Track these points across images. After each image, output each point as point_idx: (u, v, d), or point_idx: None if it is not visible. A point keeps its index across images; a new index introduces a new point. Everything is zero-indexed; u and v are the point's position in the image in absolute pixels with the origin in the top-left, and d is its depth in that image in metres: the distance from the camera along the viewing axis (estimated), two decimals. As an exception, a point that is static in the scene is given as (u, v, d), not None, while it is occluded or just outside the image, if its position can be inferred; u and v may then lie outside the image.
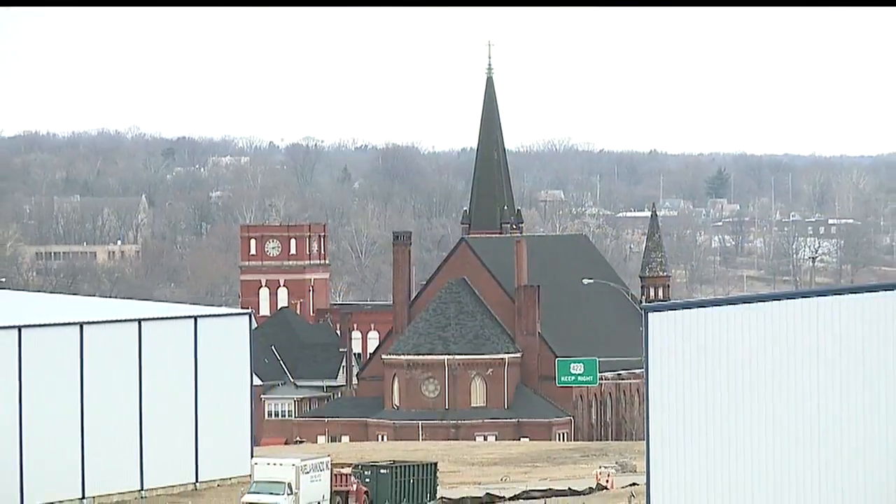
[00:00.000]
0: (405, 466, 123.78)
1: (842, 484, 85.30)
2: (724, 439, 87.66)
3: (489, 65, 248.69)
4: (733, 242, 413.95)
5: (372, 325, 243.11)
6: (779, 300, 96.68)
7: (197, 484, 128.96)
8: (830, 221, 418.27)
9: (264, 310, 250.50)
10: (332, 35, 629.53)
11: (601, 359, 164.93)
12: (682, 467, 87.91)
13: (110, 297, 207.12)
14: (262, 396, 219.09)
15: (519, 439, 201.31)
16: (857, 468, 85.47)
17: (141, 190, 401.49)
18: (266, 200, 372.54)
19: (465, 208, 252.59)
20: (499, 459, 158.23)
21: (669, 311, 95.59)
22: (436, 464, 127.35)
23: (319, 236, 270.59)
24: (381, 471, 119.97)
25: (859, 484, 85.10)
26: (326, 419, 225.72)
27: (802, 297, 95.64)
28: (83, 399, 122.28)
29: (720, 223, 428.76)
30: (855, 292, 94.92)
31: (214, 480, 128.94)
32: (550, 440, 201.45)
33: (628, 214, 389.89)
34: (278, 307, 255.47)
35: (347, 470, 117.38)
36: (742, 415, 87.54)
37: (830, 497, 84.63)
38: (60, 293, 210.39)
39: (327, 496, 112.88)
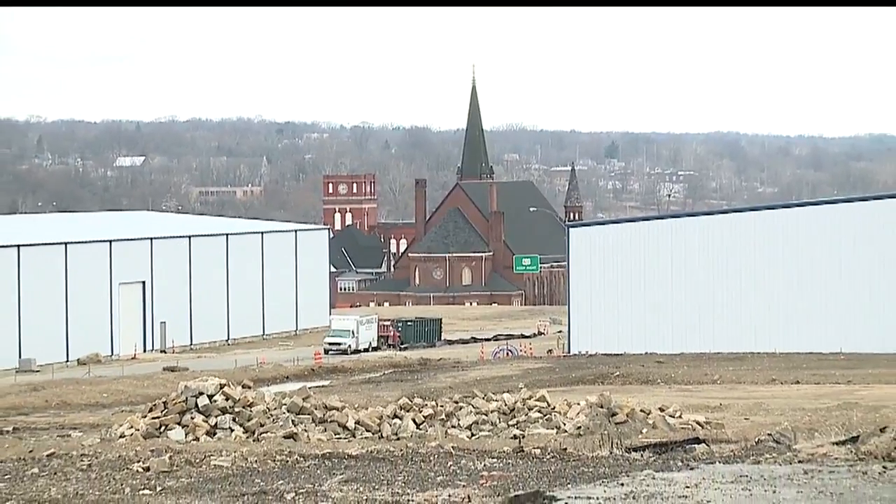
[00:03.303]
0: (422, 320, 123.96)
1: (699, 321, 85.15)
2: (616, 303, 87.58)
3: (473, 77, 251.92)
4: (620, 185, 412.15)
5: (402, 236, 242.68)
6: (648, 220, 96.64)
7: (297, 331, 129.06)
8: (679, 173, 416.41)
9: (337, 226, 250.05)
10: (381, 49, 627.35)
11: (541, 256, 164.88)
12: (589, 320, 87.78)
13: (244, 218, 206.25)
14: (336, 279, 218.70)
15: (491, 304, 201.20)
16: (712, 318, 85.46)
17: (263, 153, 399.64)
18: (338, 160, 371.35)
19: (458, 165, 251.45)
20: (479, 316, 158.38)
21: (582, 227, 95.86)
22: (441, 319, 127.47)
23: (370, 182, 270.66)
24: (408, 323, 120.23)
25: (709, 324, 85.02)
26: (375, 292, 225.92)
27: (661, 218, 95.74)
28: (228, 281, 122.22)
29: (613, 174, 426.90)
30: (691, 216, 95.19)
31: (307, 329, 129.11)
32: (510, 305, 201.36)
33: (558, 168, 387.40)
34: (346, 225, 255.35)
35: (388, 323, 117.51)
36: (627, 287, 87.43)
37: (688, 330, 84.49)
38: (213, 216, 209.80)
39: (375, 338, 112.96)
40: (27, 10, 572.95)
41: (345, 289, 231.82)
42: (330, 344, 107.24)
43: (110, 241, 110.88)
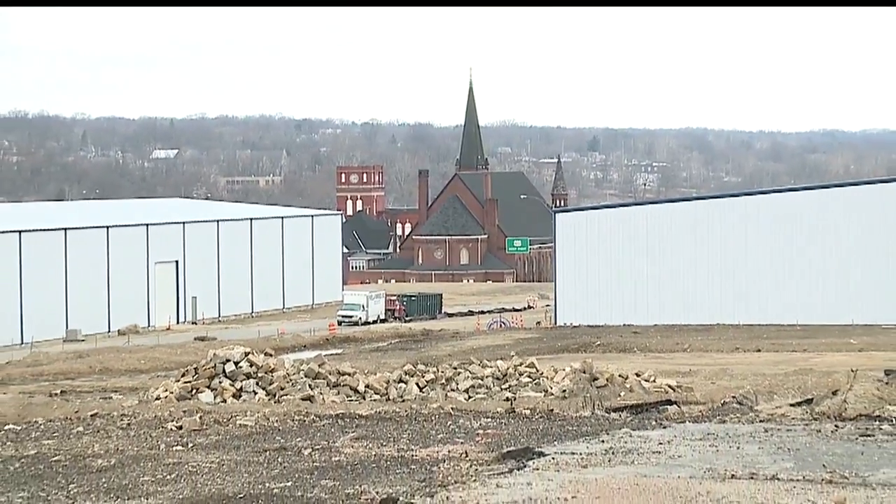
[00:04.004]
0: (425, 295, 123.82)
1: (671, 296, 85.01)
2: (597, 280, 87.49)
3: (471, 78, 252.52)
4: (602, 176, 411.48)
5: (407, 220, 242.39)
6: (626, 206, 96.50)
7: (313, 305, 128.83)
8: (653, 164, 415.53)
9: (349, 212, 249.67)
10: (389, 53, 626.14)
11: (531, 238, 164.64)
12: (573, 295, 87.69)
13: (266, 204, 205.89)
14: (347, 258, 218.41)
15: (486, 281, 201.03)
16: (682, 292, 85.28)
17: (283, 146, 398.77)
18: (350, 153, 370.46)
19: (457, 157, 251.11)
20: (475, 292, 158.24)
21: (567, 212, 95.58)
22: (441, 294, 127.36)
23: (379, 172, 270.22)
24: (412, 297, 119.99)
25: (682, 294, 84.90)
26: (382, 271, 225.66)
27: (638, 205, 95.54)
28: (252, 261, 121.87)
29: (594, 165, 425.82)
30: (665, 203, 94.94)
31: (322, 303, 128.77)
32: (503, 282, 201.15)
33: (545, 160, 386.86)
34: (357, 210, 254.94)
35: (394, 297, 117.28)
36: (607, 266, 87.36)
37: (664, 305, 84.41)
38: (239, 203, 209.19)
39: (383, 311, 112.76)
40: (71, 16, 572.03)
41: (356, 267, 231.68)
42: (343, 316, 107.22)
43: (147, 225, 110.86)
